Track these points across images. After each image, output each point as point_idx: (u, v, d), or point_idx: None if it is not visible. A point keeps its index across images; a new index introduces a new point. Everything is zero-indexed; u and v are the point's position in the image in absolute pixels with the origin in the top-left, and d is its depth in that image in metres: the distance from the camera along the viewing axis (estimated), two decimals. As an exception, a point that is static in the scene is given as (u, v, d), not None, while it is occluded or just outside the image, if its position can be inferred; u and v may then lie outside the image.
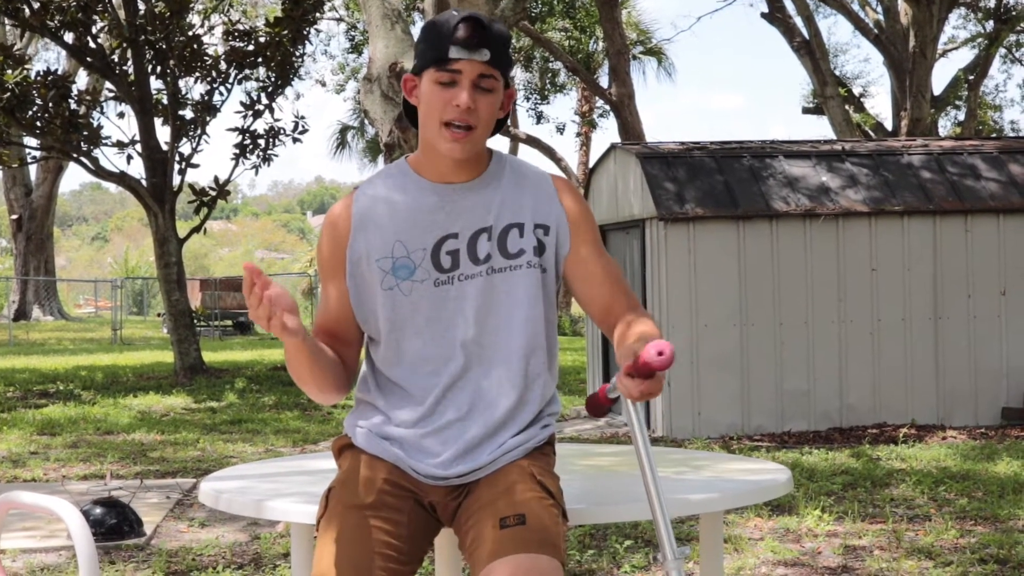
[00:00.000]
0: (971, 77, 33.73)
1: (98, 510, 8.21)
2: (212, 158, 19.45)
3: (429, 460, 3.36)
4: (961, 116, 34.03)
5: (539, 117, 41.01)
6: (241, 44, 20.10)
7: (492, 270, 3.37)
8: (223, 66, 19.93)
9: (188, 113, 19.86)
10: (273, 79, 20.24)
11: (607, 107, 32.92)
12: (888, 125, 30.62)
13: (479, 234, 3.36)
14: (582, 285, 3.48)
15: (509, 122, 3.75)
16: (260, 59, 20.02)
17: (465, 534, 3.34)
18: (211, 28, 21.14)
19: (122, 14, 19.30)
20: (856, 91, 34.17)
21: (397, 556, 3.24)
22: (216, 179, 20.11)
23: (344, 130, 48.27)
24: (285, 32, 19.98)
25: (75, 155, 19.59)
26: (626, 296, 3.50)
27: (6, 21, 19.96)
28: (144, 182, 19.65)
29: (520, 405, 3.41)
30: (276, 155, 20.52)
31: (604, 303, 3.48)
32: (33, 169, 40.36)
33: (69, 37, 19.43)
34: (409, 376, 3.41)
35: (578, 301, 3.54)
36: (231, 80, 20.10)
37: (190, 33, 19.74)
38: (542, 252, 3.42)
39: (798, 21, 29.44)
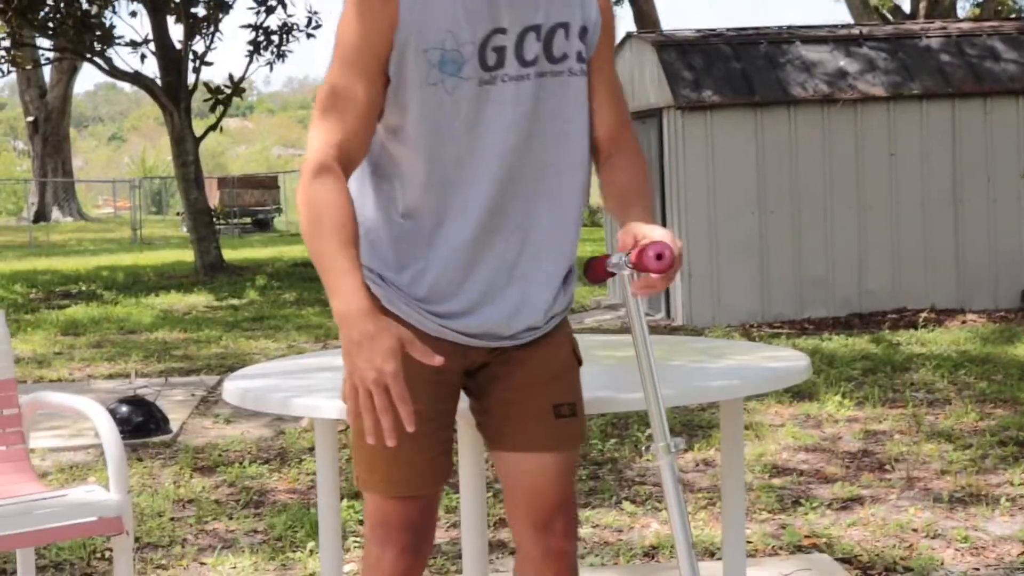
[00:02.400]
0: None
1: (124, 408, 8.28)
2: (226, 56, 19.46)
3: (479, 318, 3.09)
4: (979, -3, 33.71)
5: (553, 6, 40.66)
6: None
7: (540, 74, 3.03)
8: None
9: (201, 11, 19.81)
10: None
11: (622, -5, 32.59)
12: (906, 7, 30.34)
13: (527, 31, 2.99)
14: (597, 93, 3.19)
15: None
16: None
17: (505, 404, 3.18)
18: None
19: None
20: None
21: (446, 452, 3.18)
22: (231, 77, 20.09)
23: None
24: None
25: (88, 55, 19.57)
26: (629, 128, 3.29)
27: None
28: (159, 81, 19.65)
29: (571, 241, 3.20)
30: (290, 51, 20.47)
31: (614, 122, 3.23)
32: (47, 70, 40.29)
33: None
34: (432, 189, 3.03)
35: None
36: (243, -24, 20.04)
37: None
38: (586, 55, 3.11)
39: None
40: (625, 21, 36.12)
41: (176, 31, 19.72)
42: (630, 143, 3.26)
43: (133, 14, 20.43)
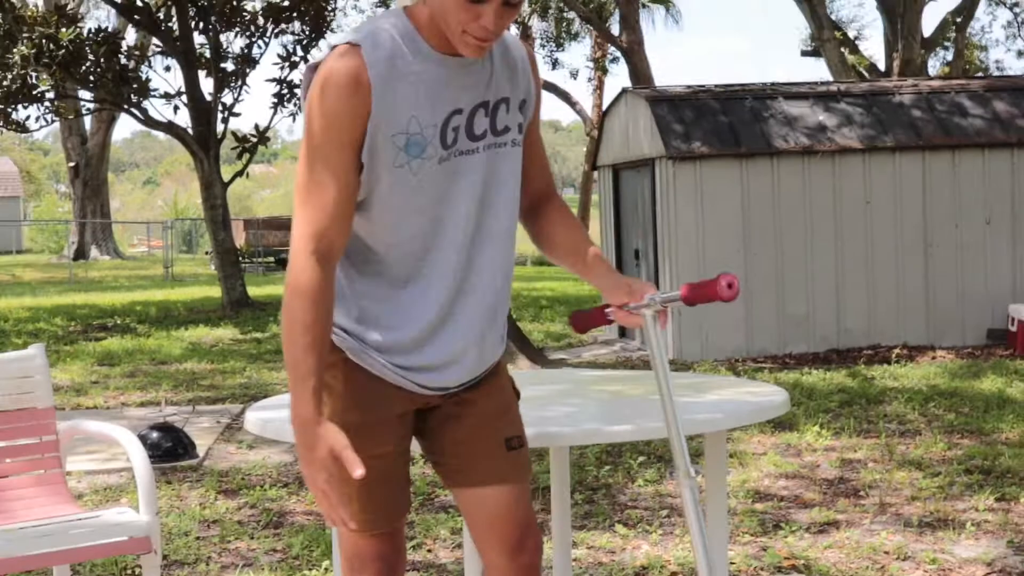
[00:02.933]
0: (959, 19, 33.53)
1: (154, 434, 8.29)
2: (252, 107, 19.47)
3: (435, 374, 3.11)
4: (949, 56, 33.85)
5: (554, 64, 40.92)
6: (277, 0, 20.08)
7: (488, 146, 3.04)
8: (261, 21, 19.90)
9: (229, 66, 19.85)
10: (307, 32, 20.23)
11: (618, 53, 32.78)
12: (881, 66, 30.46)
13: (477, 109, 3.01)
14: (528, 156, 3.22)
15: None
16: (295, 14, 19.99)
17: (457, 444, 3.21)
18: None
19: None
20: (851, 34, 33.96)
21: (408, 485, 3.25)
22: (257, 126, 20.13)
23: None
24: (318, -12, 19.97)
25: (126, 106, 19.60)
26: (552, 185, 3.32)
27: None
28: (190, 130, 19.68)
29: (508, 295, 3.22)
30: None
31: (539, 186, 3.28)
32: (88, 120, 40.36)
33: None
34: (405, 263, 3.05)
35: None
36: (268, 34, 20.06)
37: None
38: (522, 128, 3.14)
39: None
40: (621, 77, 36.38)
41: (207, 84, 19.81)
42: (559, 197, 3.33)
43: (167, 68, 20.51)
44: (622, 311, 3.09)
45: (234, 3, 19.59)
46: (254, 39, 19.97)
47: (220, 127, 19.90)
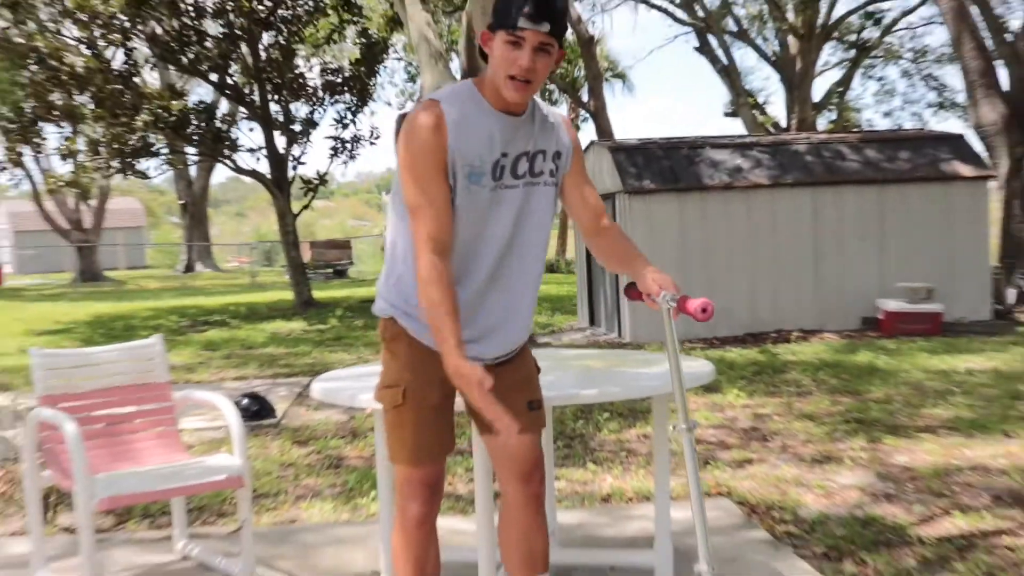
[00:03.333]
0: (840, 89, 33.55)
1: (245, 401, 8.31)
2: (315, 157, 19.85)
3: (478, 345, 3.18)
4: (833, 116, 33.82)
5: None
6: (332, 78, 20.09)
7: (526, 184, 3.16)
8: (320, 93, 19.94)
9: (297, 127, 19.88)
10: (355, 102, 20.24)
11: (587, 114, 32.75)
12: (783, 123, 30.45)
13: (520, 156, 3.13)
14: (576, 194, 3.30)
15: None
16: (346, 88, 20.02)
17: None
18: (311, 67, 21.11)
19: (250, 60, 19.27)
20: (760, 100, 33.93)
21: (451, 432, 3.29)
22: (318, 172, 20.21)
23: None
24: (363, 68, 19.98)
25: (220, 158, 19.64)
26: (604, 209, 3.36)
27: (171, 67, 19.89)
28: (269, 175, 19.70)
29: (535, 294, 3.32)
30: (358, 154, 20.57)
31: (594, 213, 3.31)
32: (192, 169, 40.32)
33: (214, 76, 19.40)
34: (457, 261, 3.12)
35: (570, 207, 3.33)
36: (326, 103, 20.09)
37: (297, 71, 19.73)
38: (556, 172, 3.23)
39: (720, 52, 29.32)
40: (589, 132, 36.33)
41: (280, 141, 19.82)
42: (610, 221, 3.36)
43: (251, 129, 20.78)
44: (648, 299, 3.17)
45: (300, 80, 19.62)
46: (315, 107, 20.00)
47: (291, 172, 19.93)
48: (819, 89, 32.20)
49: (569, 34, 32.89)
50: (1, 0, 17.69)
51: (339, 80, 20.05)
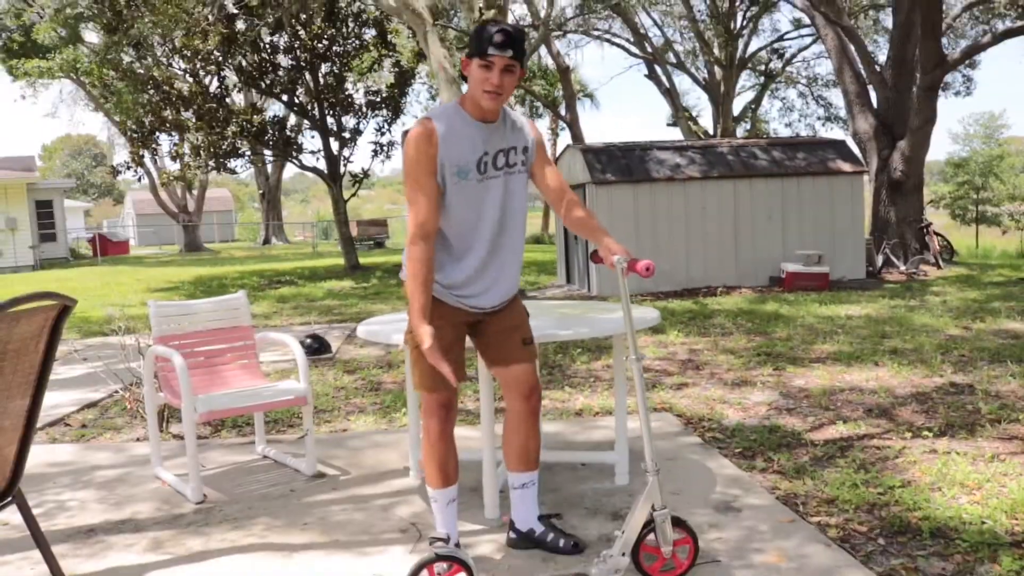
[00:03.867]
0: (753, 106, 33.39)
1: (308, 340, 8.29)
2: (360, 157, 19.75)
3: (478, 299, 3.21)
4: (748, 126, 33.65)
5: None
6: (373, 97, 19.93)
7: (505, 173, 3.16)
8: (364, 109, 19.79)
9: (347, 135, 19.74)
10: (390, 115, 20.08)
11: (565, 125, 32.58)
12: (711, 131, 30.30)
13: (498, 152, 3.13)
14: (544, 176, 3.25)
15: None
16: (383, 105, 19.86)
17: (495, 343, 3.29)
18: (357, 90, 20.93)
19: (311, 84, 19.13)
20: (694, 114, 33.71)
21: (460, 366, 3.24)
22: (362, 169, 20.08)
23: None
24: (396, 90, 19.83)
25: (290, 158, 19.52)
26: (567, 186, 3.32)
27: (253, 90, 19.74)
28: (326, 171, 19.59)
29: (521, 258, 3.29)
30: (393, 155, 20.47)
31: (557, 189, 3.27)
32: (269, 166, 40.17)
33: (284, 97, 19.27)
34: (463, 239, 3.15)
35: (540, 187, 3.28)
36: (368, 117, 19.94)
37: (346, 93, 19.59)
38: (526, 163, 3.21)
39: (663, 78, 29.15)
40: (565, 139, 36.24)
41: (334, 145, 19.68)
42: (575, 198, 3.31)
43: (313, 136, 20.39)
44: (608, 258, 3.10)
45: (349, 99, 19.49)
46: (360, 119, 19.85)
47: (342, 169, 19.81)
48: (737, 106, 32.08)
49: (550, 64, 32.81)
50: (127, 41, 17.56)
51: (378, 99, 19.88)
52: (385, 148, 20.11)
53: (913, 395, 5.84)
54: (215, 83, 19.18)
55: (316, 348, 8.22)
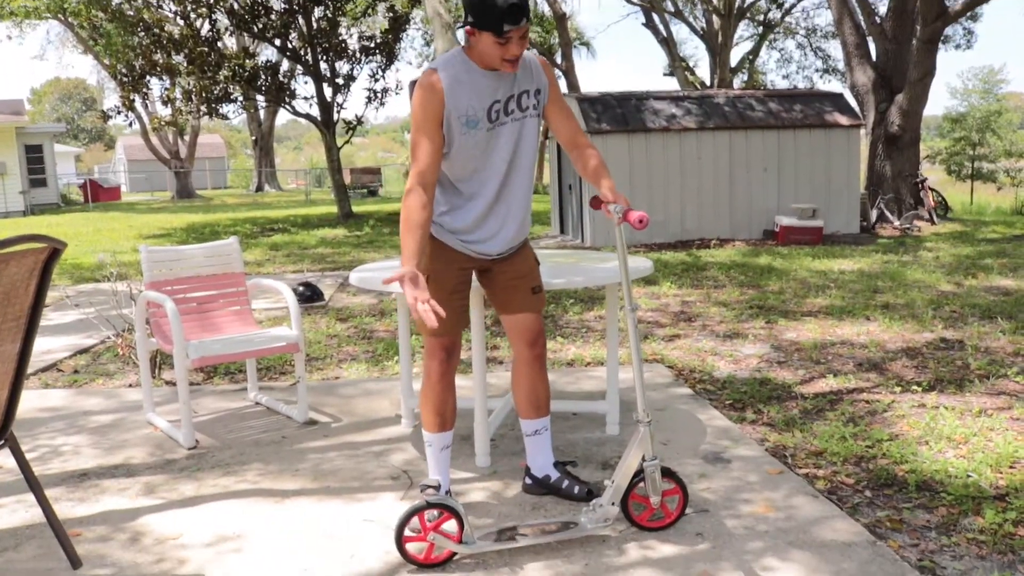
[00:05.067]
0: (751, 57, 33.11)
1: (300, 287, 8.28)
2: (354, 104, 19.63)
3: (484, 244, 3.19)
4: (745, 77, 33.39)
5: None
6: (367, 43, 19.68)
7: (516, 119, 3.10)
8: (358, 55, 19.55)
9: (340, 81, 19.53)
10: (384, 61, 19.85)
11: (561, 73, 32.28)
12: (708, 82, 30.07)
13: (509, 98, 3.07)
14: (557, 119, 3.20)
15: None
16: (377, 51, 19.63)
17: (503, 290, 3.29)
18: (351, 35, 20.66)
19: (305, 29, 18.89)
20: (691, 64, 33.45)
21: (464, 312, 3.27)
22: (356, 116, 19.90)
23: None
24: (390, 36, 19.58)
25: (282, 104, 19.33)
26: (581, 132, 3.28)
27: (245, 34, 19.51)
28: (319, 118, 19.42)
29: (529, 204, 3.26)
30: (387, 102, 20.28)
31: (571, 132, 3.24)
32: (262, 112, 39.77)
33: (277, 41, 19.03)
34: (469, 184, 3.13)
35: (554, 127, 3.24)
36: (362, 62, 19.71)
37: (340, 38, 19.34)
38: (539, 105, 3.16)
39: (660, 27, 28.84)
40: (562, 87, 35.94)
41: (328, 91, 19.48)
42: (586, 141, 3.28)
43: (306, 82, 20.17)
44: (604, 208, 3.10)
45: (343, 45, 19.25)
46: (354, 65, 19.63)
47: (335, 116, 19.64)
48: (735, 56, 31.79)
49: (546, 10, 32.41)
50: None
51: (372, 45, 19.63)
52: (379, 95, 19.90)
53: (903, 350, 5.87)
54: (206, 26, 18.92)
55: (308, 296, 8.21)
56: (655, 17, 28.91)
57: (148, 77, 18.70)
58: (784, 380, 5.16)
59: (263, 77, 18.69)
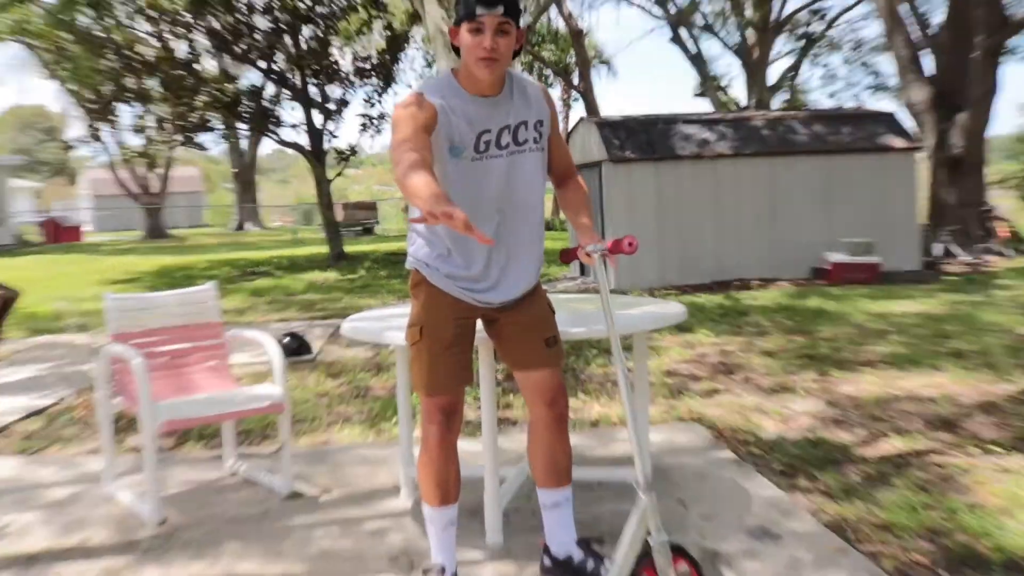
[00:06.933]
0: (791, 74, 33.34)
1: (286, 339, 8.25)
2: (347, 132, 19.55)
3: (485, 294, 3.17)
4: (786, 97, 33.58)
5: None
6: (362, 64, 19.91)
7: (510, 153, 3.10)
8: (351, 77, 19.76)
9: (332, 106, 19.71)
10: (381, 84, 20.07)
11: (578, 95, 32.56)
12: (743, 103, 30.24)
13: (503, 130, 3.07)
14: (553, 152, 3.26)
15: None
16: (373, 73, 19.84)
17: (513, 343, 3.26)
18: (344, 55, 20.92)
19: (292, 50, 19.11)
20: (724, 84, 33.67)
21: (466, 368, 3.23)
22: (349, 144, 20.10)
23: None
24: (387, 56, 19.80)
25: (267, 133, 19.51)
26: (572, 169, 3.36)
27: (226, 56, 19.78)
28: (308, 147, 19.57)
29: (538, 247, 3.25)
30: (384, 129, 20.38)
31: (564, 167, 3.32)
32: (244, 141, 40.20)
33: (262, 63, 19.26)
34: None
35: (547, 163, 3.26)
36: (356, 86, 19.92)
37: (331, 59, 19.56)
38: (540, 139, 3.17)
39: (689, 43, 29.11)
40: (579, 110, 36.27)
41: (318, 118, 19.66)
42: (575, 178, 3.35)
43: (293, 108, 20.44)
44: (582, 252, 3.10)
45: (334, 67, 19.47)
46: (347, 89, 19.83)
47: (326, 145, 19.80)
48: (773, 74, 32.04)
49: (561, 26, 32.78)
50: None
51: (367, 66, 19.88)
52: (375, 121, 20.08)
53: (979, 404, 5.78)
54: (183, 47, 19.17)
55: (295, 348, 8.16)
56: (683, 32, 29.17)
57: (117, 104, 18.95)
58: (841, 441, 5.07)
59: (245, 103, 18.90)
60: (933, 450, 4.86)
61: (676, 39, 29.27)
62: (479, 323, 3.30)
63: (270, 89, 24.18)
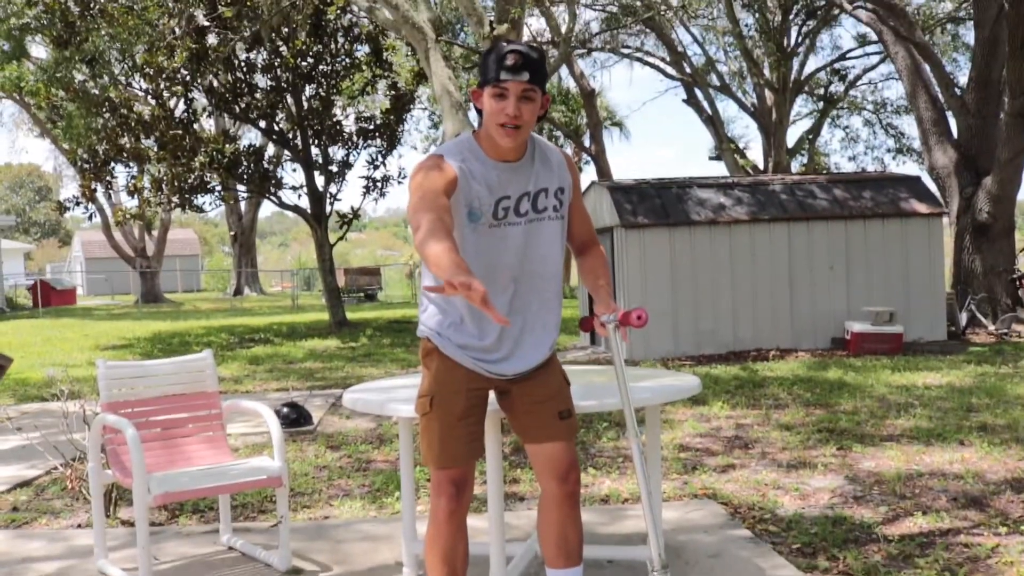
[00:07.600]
0: (810, 136, 33.61)
1: (285, 409, 8.26)
2: (349, 194, 19.77)
3: (498, 365, 3.20)
4: (804, 160, 33.81)
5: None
6: (365, 125, 20.10)
7: (529, 220, 3.15)
8: (355, 138, 19.95)
9: (334, 168, 19.88)
10: (385, 146, 20.23)
11: (589, 157, 32.82)
12: (761, 166, 30.45)
13: (522, 196, 3.13)
14: (574, 220, 3.31)
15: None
16: (377, 134, 20.03)
17: (526, 415, 3.28)
18: (347, 115, 21.14)
19: (293, 109, 19.34)
20: (741, 146, 33.95)
21: (478, 439, 3.26)
22: (352, 207, 20.18)
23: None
24: (392, 117, 20.01)
25: (267, 195, 19.66)
26: (593, 236, 3.41)
27: (225, 115, 20.01)
28: (309, 210, 19.71)
29: (554, 317, 3.29)
30: (388, 192, 20.59)
31: (585, 235, 3.38)
32: (243, 204, 40.49)
33: (262, 123, 19.47)
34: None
35: (567, 232, 3.32)
36: (360, 147, 20.08)
37: (334, 119, 19.76)
38: (561, 207, 3.22)
39: (705, 104, 29.37)
40: (590, 174, 36.50)
41: (320, 180, 19.83)
42: (596, 245, 3.41)
43: (294, 170, 20.71)
44: (597, 322, 3.18)
45: (337, 127, 19.66)
46: (350, 150, 20.00)
47: (328, 208, 19.93)
48: (792, 136, 32.30)
49: (572, 86, 33.16)
50: (80, 57, 17.85)
51: (371, 127, 20.06)
52: (379, 184, 20.23)
53: (1008, 481, 5.76)
54: (181, 106, 19.44)
55: (294, 419, 8.18)
56: (698, 93, 29.47)
57: (113, 163, 19.14)
58: (863, 519, 5.06)
59: (245, 163, 19.06)
60: (959, 529, 4.85)
61: (691, 100, 29.57)
62: (491, 394, 3.34)
63: (271, 150, 24.42)
